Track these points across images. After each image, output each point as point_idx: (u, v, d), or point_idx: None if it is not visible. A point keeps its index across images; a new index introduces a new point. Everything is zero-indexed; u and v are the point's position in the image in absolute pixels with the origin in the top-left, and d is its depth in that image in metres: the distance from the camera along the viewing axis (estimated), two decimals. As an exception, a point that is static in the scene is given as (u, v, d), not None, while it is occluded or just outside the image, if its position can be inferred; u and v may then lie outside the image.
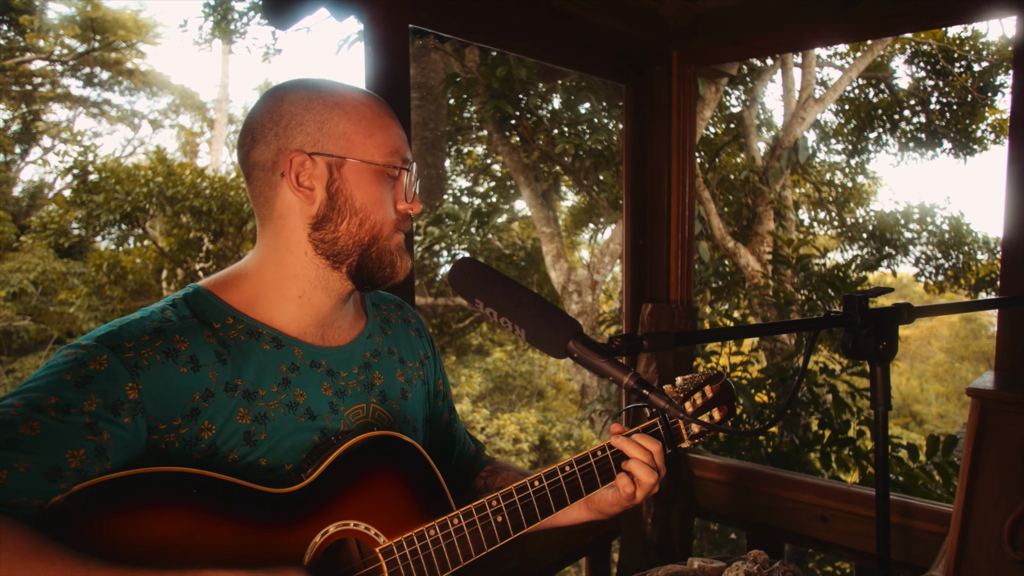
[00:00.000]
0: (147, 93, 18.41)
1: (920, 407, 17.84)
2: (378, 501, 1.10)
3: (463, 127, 10.09)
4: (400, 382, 1.31)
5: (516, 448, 10.84)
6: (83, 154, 10.11)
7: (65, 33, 15.47)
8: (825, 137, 10.39)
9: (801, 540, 2.67)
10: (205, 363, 1.05)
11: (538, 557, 2.45)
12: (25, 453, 0.86)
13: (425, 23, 2.07)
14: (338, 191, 1.12)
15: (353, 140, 1.13)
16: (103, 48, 15.96)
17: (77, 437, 0.90)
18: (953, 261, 9.54)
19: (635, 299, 2.99)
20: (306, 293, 1.16)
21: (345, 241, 1.14)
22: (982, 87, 9.25)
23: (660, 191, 2.94)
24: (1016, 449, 1.74)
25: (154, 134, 19.76)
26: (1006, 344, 2.20)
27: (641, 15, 2.68)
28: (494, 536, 1.14)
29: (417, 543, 1.09)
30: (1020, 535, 1.67)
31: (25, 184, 16.48)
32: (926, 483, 3.85)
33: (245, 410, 1.07)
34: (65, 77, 16.30)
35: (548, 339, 1.04)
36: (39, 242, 12.05)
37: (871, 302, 1.22)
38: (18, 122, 15.65)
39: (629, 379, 0.99)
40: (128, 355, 0.98)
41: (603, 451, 1.24)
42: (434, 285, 9.55)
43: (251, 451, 1.07)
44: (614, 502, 1.26)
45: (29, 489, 0.85)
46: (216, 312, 1.11)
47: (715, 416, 1.35)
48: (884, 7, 2.40)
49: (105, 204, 9.46)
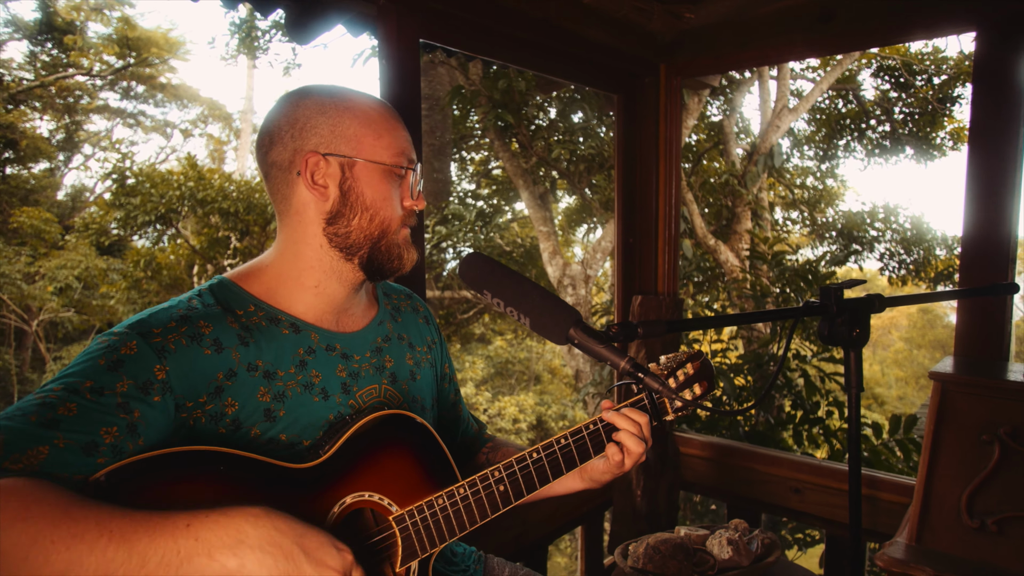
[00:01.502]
0: (178, 105, 18.37)
1: (881, 390, 17.90)
2: (391, 474, 1.09)
3: (467, 135, 10.06)
4: (409, 365, 1.31)
5: (515, 427, 10.86)
6: (121, 161, 10.12)
7: (104, 51, 15.43)
8: (798, 144, 10.37)
9: (776, 510, 2.68)
10: (228, 345, 1.05)
11: (538, 525, 2.45)
12: (64, 431, 0.86)
13: (434, 38, 2.06)
14: (350, 189, 1.12)
15: (363, 142, 1.12)
16: (138, 64, 15.94)
17: (110, 415, 0.91)
18: (914, 257, 9.53)
19: (626, 291, 2.99)
20: (321, 283, 1.16)
21: (357, 235, 1.14)
22: (941, 98, 9.24)
23: (648, 193, 2.94)
24: (973, 427, 1.74)
25: (185, 142, 19.73)
26: (964, 332, 2.19)
27: (632, 31, 2.67)
28: (497, 504, 1.14)
29: (427, 511, 1.09)
30: (976, 505, 1.66)
31: (68, 188, 16.48)
32: (888, 458, 3.86)
33: (265, 389, 1.07)
34: (104, 91, 16.29)
35: (551, 327, 1.04)
36: (82, 241, 12.06)
37: (845, 293, 1.21)
38: (62, 132, 15.65)
39: (625, 363, 0.98)
40: (156, 340, 0.98)
41: (595, 424, 1.23)
42: (441, 279, 9.54)
43: (271, 427, 1.07)
44: (605, 470, 1.26)
45: (69, 463, 0.85)
46: (239, 300, 1.11)
47: (696, 391, 1.34)
48: (854, 24, 2.38)
49: (142, 206, 9.47)
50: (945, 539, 1.67)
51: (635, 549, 1.89)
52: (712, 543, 1.91)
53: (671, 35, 2.80)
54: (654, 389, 0.98)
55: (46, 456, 0.84)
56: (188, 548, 0.81)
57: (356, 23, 2.20)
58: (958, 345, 2.20)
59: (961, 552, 1.63)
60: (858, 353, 1.20)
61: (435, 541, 1.09)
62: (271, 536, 0.85)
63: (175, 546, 0.80)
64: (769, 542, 1.94)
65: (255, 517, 0.85)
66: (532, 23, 2.26)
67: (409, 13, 1.91)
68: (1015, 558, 1.57)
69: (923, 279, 9.49)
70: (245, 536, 0.83)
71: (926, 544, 1.69)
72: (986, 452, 1.69)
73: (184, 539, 0.81)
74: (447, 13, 2.02)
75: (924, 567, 1.60)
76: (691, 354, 1.36)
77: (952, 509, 1.69)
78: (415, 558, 1.08)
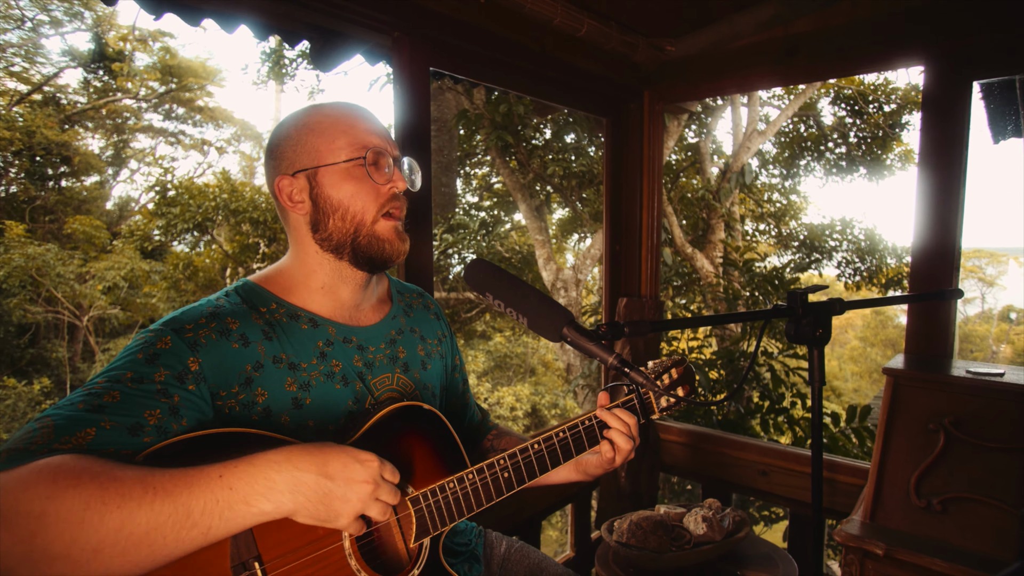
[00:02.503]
0: (214, 125, 18.32)
1: (839, 383, 17.91)
2: (408, 459, 1.09)
3: (471, 153, 10.05)
4: (421, 355, 1.29)
5: (512, 415, 10.83)
6: (163, 175, 10.13)
7: (148, 77, 15.42)
8: (765, 163, 10.37)
9: (746, 490, 2.67)
10: (254, 340, 1.04)
11: (533, 503, 2.44)
12: (109, 415, 0.85)
13: (443, 66, 2.05)
14: (318, 196, 1.10)
15: (321, 150, 1.10)
16: (179, 89, 15.95)
17: (152, 400, 0.90)
18: (868, 264, 9.52)
19: (612, 294, 2.98)
20: (326, 284, 1.15)
21: (337, 235, 1.11)
22: (891, 124, 9.26)
23: (633, 206, 2.93)
24: (921, 417, 1.73)
25: (219, 159, 19.64)
26: (914, 331, 2.19)
27: (619, 62, 2.66)
28: (501, 489, 1.13)
29: (440, 494, 1.08)
30: (923, 486, 1.66)
31: (116, 199, 16.43)
32: (845, 444, 3.85)
33: (291, 379, 1.06)
34: (148, 112, 16.26)
35: (546, 326, 1.03)
36: (128, 246, 12.05)
37: (809, 297, 1.21)
38: (111, 149, 15.63)
39: (613, 359, 0.97)
40: (188, 335, 0.98)
41: (589, 420, 1.22)
42: (447, 282, 9.51)
43: (299, 414, 1.06)
44: (598, 464, 1.25)
45: (115, 441, 0.85)
46: (262, 299, 1.10)
47: (679, 393, 1.34)
48: (816, 57, 2.38)
49: (181, 215, 9.46)
50: (896, 517, 1.66)
51: (619, 525, 1.88)
52: (688, 520, 1.90)
53: (654, 66, 2.79)
54: (639, 383, 0.97)
55: (93, 436, 0.83)
56: (225, 497, 0.80)
57: (373, 53, 2.19)
58: (908, 343, 2.20)
59: (910, 528, 1.63)
60: (821, 351, 1.19)
61: (446, 520, 1.08)
62: (295, 477, 0.84)
63: (213, 496, 0.80)
64: (739, 519, 1.93)
65: (277, 463, 0.84)
66: (530, 54, 2.25)
67: (420, 45, 1.90)
68: (957, 534, 1.56)
69: (875, 284, 9.48)
70: (273, 483, 0.83)
71: (879, 521, 1.68)
72: (932, 439, 1.69)
73: (220, 489, 0.80)
74: (454, 45, 2.02)
75: (877, 542, 1.59)
76: (675, 360, 1.36)
77: (902, 490, 1.68)
78: (427, 535, 1.07)
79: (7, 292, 10.97)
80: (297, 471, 0.84)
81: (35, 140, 12.45)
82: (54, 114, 13.69)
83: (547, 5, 2.14)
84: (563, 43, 2.36)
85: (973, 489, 1.59)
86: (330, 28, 1.99)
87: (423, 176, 1.94)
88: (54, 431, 0.81)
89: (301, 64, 10.20)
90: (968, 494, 1.59)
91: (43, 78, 13.80)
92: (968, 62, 2.05)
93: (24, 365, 12.22)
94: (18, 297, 10.92)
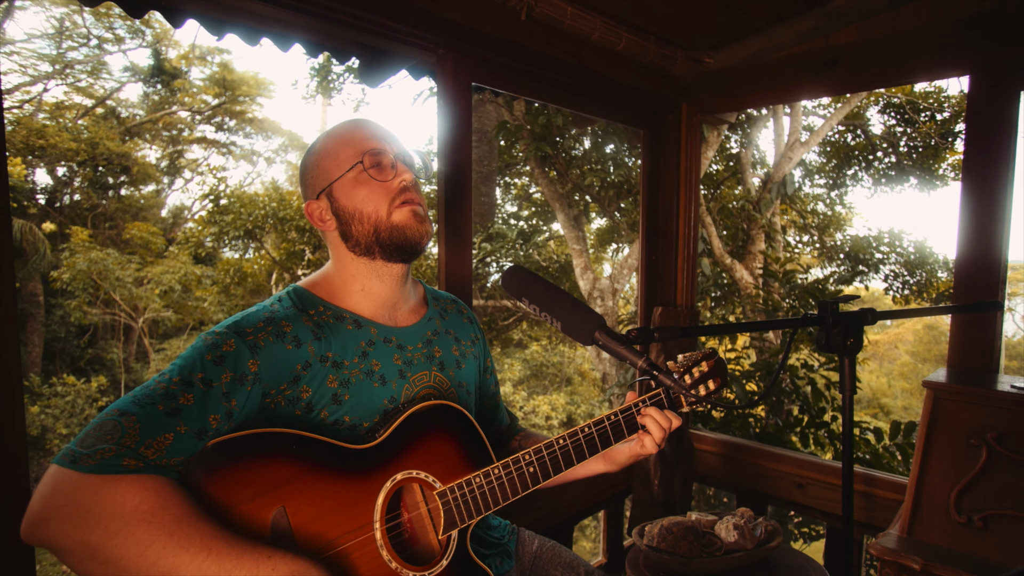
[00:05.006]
0: (263, 136, 18.95)
1: (887, 400, 17.23)
2: (436, 455, 1.13)
3: (511, 163, 10.15)
4: (455, 355, 1.35)
5: (548, 424, 10.82)
6: (216, 185, 10.49)
7: (204, 91, 16.08)
8: (809, 173, 10.14)
9: (781, 503, 2.63)
10: (305, 341, 1.10)
11: (565, 507, 2.47)
12: (183, 419, 0.93)
13: (484, 81, 2.12)
14: (337, 209, 1.19)
15: (329, 169, 1.19)
16: (231, 102, 16.56)
17: (218, 404, 0.97)
18: (917, 278, 9.19)
19: (648, 303, 2.99)
20: (366, 286, 1.22)
21: (362, 239, 1.19)
22: (943, 133, 8.94)
23: (670, 216, 2.94)
24: (962, 431, 1.70)
25: (268, 168, 20.32)
26: (956, 344, 2.14)
27: (657, 74, 2.69)
28: (527, 483, 1.17)
29: (466, 488, 1.12)
30: (964, 502, 1.63)
31: (170, 207, 17.14)
32: (889, 461, 3.74)
33: (334, 377, 1.12)
34: (201, 124, 16.93)
35: (578, 330, 1.06)
36: (182, 251, 12.55)
37: (841, 306, 1.22)
38: (166, 160, 16.32)
39: (643, 362, 1.01)
40: (249, 338, 1.04)
41: (615, 416, 1.25)
42: (485, 290, 9.61)
43: (337, 409, 1.12)
44: (631, 454, 1.28)
45: (186, 448, 0.93)
46: (311, 303, 1.18)
47: (710, 386, 1.33)
48: (858, 68, 2.36)
49: (232, 223, 9.81)
50: (934, 532, 1.64)
51: (650, 530, 1.90)
52: (720, 527, 1.90)
53: (692, 78, 2.81)
54: (665, 384, 1.00)
55: (171, 442, 0.91)
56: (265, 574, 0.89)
57: (418, 69, 2.28)
58: (951, 357, 2.15)
59: (948, 544, 1.60)
60: (852, 360, 1.19)
61: (472, 514, 1.13)
62: None
63: (256, 571, 0.88)
64: (772, 528, 1.92)
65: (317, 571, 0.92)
66: (569, 68, 2.30)
67: (464, 61, 1.98)
68: (998, 551, 1.53)
69: (925, 299, 9.14)
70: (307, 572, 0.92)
71: (916, 536, 1.65)
72: (974, 455, 1.66)
73: (264, 567, 0.89)
74: (495, 61, 2.09)
75: (914, 556, 1.57)
76: (706, 353, 1.35)
77: (941, 505, 1.65)
78: (455, 527, 1.11)
79: (69, 294, 11.56)
80: None
81: (98, 151, 13.13)
82: (115, 126, 14.42)
83: (586, 21, 2.20)
84: (601, 57, 2.40)
85: (1016, 506, 1.56)
86: (378, 46, 2.09)
87: (467, 185, 2.01)
88: (139, 433, 0.89)
89: (348, 79, 10.50)
90: (1011, 511, 1.55)
91: (105, 92, 14.57)
92: (1015, 71, 2.01)
93: (83, 364, 12.84)
94: (78, 299, 11.49)
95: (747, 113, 8.36)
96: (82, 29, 13.43)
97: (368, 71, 2.24)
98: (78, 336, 12.86)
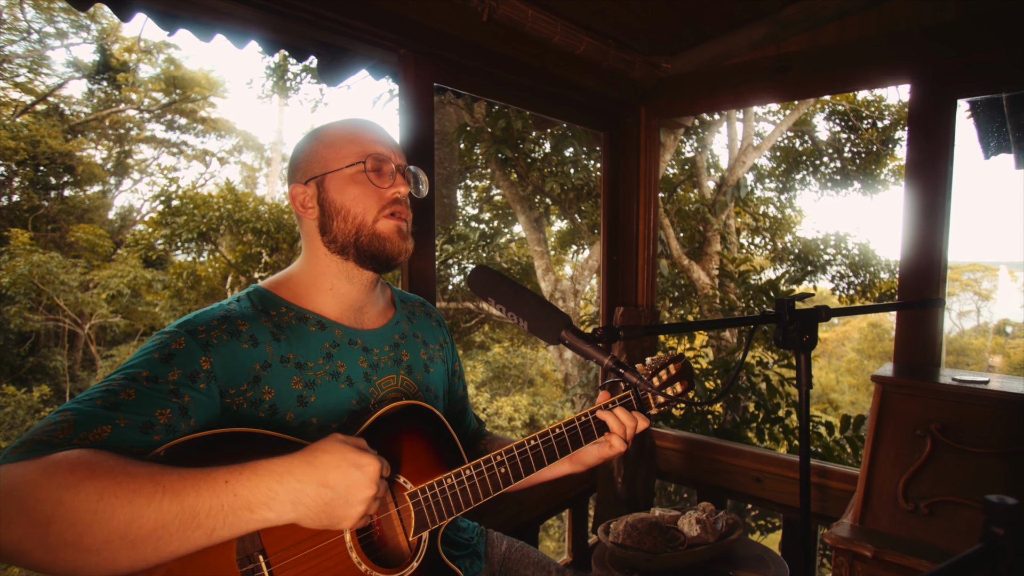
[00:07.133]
0: (216, 136, 18.42)
1: (836, 395, 17.90)
2: (407, 456, 1.12)
3: (472, 166, 10.14)
4: (423, 359, 1.34)
5: (511, 424, 10.82)
6: (167, 185, 10.14)
7: (152, 88, 15.52)
8: (761, 177, 10.46)
9: (740, 496, 2.70)
10: (262, 341, 1.08)
11: (531, 507, 2.47)
12: (124, 412, 0.89)
13: (446, 82, 2.11)
14: (324, 200, 1.17)
15: (328, 159, 1.17)
16: (182, 100, 16.04)
17: (163, 400, 0.93)
18: (862, 279, 9.58)
19: (610, 303, 3.03)
20: (334, 285, 1.20)
21: (341, 237, 1.17)
22: (884, 140, 9.37)
23: (630, 218, 2.99)
24: (908, 423, 1.78)
25: (222, 169, 19.73)
26: (902, 341, 2.24)
27: (616, 78, 2.73)
28: (498, 483, 1.16)
29: (437, 489, 1.11)
30: (911, 490, 1.70)
31: (119, 208, 16.47)
32: (840, 454, 3.88)
33: (298, 378, 1.10)
34: (151, 123, 16.35)
35: (545, 329, 1.07)
36: (131, 255, 12.07)
37: (796, 304, 1.25)
38: (113, 159, 15.69)
39: (608, 360, 1.02)
40: (201, 336, 1.02)
41: (584, 417, 1.25)
42: (447, 292, 9.55)
43: (304, 411, 1.09)
44: (598, 455, 1.27)
45: (128, 439, 0.88)
46: (272, 303, 1.16)
47: (677, 388, 1.34)
48: (807, 75, 2.45)
49: (184, 225, 9.49)
50: (884, 520, 1.70)
51: (615, 527, 1.91)
52: (683, 522, 1.93)
53: (650, 82, 2.86)
54: (632, 382, 1.01)
55: (109, 433, 0.87)
56: (229, 502, 0.83)
57: (378, 69, 2.25)
58: (897, 352, 2.24)
59: (897, 531, 1.67)
60: (807, 356, 1.23)
61: (443, 515, 1.11)
62: (296, 488, 0.87)
63: (218, 500, 0.82)
64: (732, 522, 1.96)
65: (278, 475, 0.86)
66: (530, 70, 2.31)
67: (426, 61, 1.97)
68: (943, 536, 1.60)
69: (869, 299, 9.52)
70: (275, 494, 0.85)
71: (868, 524, 1.72)
72: (919, 445, 1.73)
73: (224, 495, 0.83)
74: (458, 62, 2.08)
75: (866, 544, 1.63)
76: (673, 356, 1.37)
77: (890, 494, 1.72)
78: (426, 529, 1.10)
79: (8, 300, 10.97)
80: (298, 483, 0.86)
81: (39, 150, 12.51)
82: (58, 124, 13.77)
83: (547, 24, 2.21)
84: (562, 60, 2.42)
85: (959, 493, 1.63)
86: (338, 45, 2.05)
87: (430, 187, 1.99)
88: (73, 426, 0.85)
89: (305, 78, 10.30)
90: (954, 498, 1.63)
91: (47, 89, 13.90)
92: (951, 82, 2.12)
93: (24, 373, 12.19)
94: (18, 305, 10.92)
95: (702, 118, 8.56)
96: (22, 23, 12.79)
97: (327, 70, 2.20)
98: (18, 344, 12.21)
